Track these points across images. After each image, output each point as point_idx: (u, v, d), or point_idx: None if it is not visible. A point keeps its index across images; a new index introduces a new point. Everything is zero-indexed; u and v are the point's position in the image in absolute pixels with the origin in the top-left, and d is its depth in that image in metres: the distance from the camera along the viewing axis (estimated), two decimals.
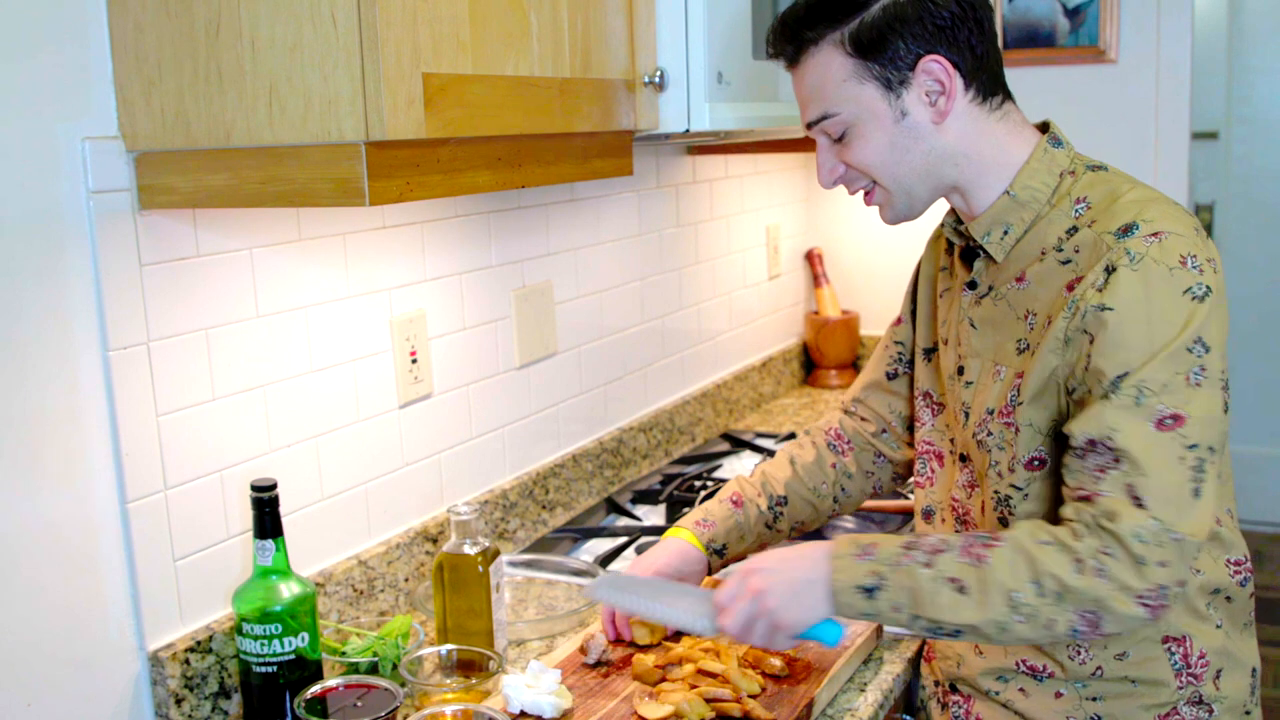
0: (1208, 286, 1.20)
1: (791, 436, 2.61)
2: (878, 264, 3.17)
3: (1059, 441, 1.28)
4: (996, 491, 1.35)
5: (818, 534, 1.99)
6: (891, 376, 1.63)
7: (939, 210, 1.44)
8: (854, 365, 3.18)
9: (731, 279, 2.79)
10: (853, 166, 1.35)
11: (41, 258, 1.26)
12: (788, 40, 1.34)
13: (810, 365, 3.19)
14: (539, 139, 1.42)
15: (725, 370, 2.79)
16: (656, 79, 1.60)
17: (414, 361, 1.77)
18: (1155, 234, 1.22)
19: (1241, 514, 4.87)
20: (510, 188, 1.38)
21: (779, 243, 3.03)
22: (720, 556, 1.59)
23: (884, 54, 1.28)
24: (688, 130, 1.68)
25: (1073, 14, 2.82)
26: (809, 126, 1.36)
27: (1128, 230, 1.23)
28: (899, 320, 1.63)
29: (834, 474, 1.65)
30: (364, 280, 1.68)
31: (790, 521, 1.64)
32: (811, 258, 3.18)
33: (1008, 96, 1.36)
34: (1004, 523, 1.35)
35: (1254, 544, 4.61)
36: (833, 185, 1.39)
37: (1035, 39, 2.84)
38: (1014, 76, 1.38)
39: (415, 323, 1.77)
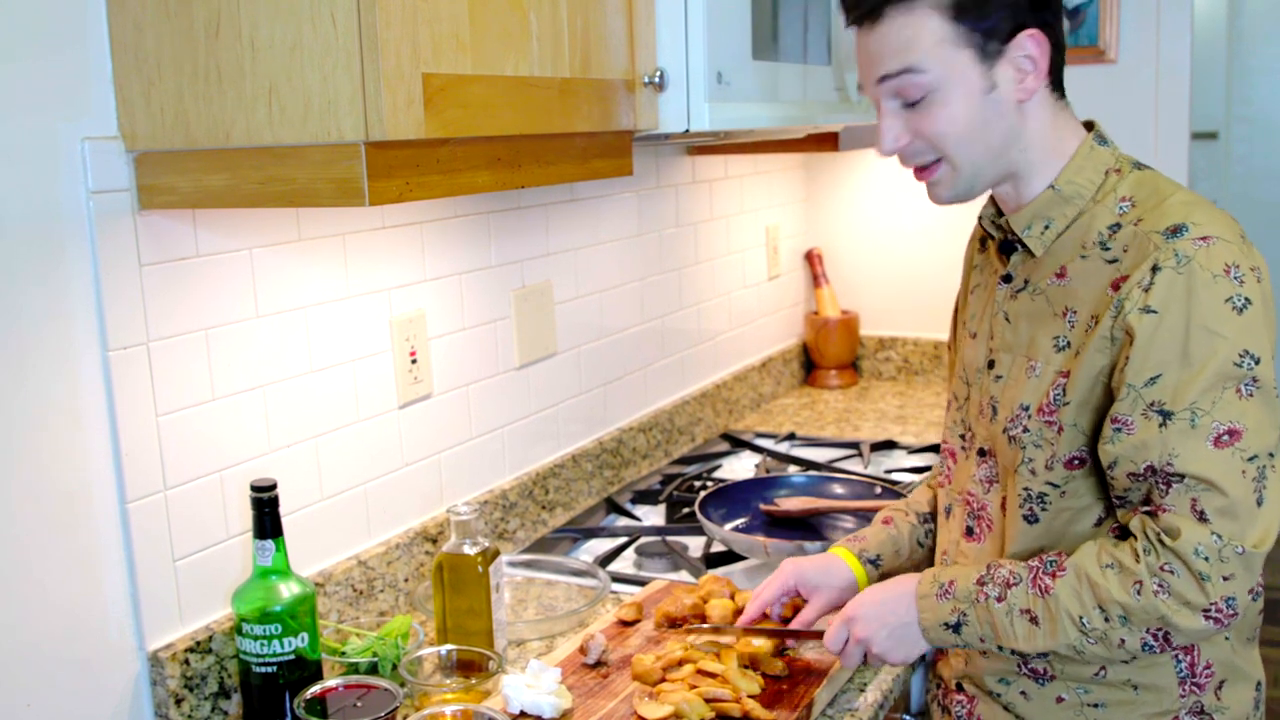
0: (1247, 298, 1.19)
1: (792, 437, 2.61)
2: (877, 264, 3.17)
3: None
4: (1027, 489, 1.33)
5: None
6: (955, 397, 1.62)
7: (960, 211, 1.43)
8: (854, 365, 3.18)
9: (731, 279, 2.79)
10: (925, 136, 1.30)
11: (41, 258, 1.26)
12: None
13: (810, 365, 3.19)
14: (539, 139, 1.42)
15: (725, 370, 2.79)
16: (656, 79, 1.60)
17: (414, 362, 1.77)
18: (1204, 238, 1.21)
19: None
20: (510, 188, 1.38)
21: (778, 243, 3.03)
22: (876, 567, 1.56)
23: (986, 20, 1.25)
24: (687, 130, 1.68)
25: (1072, 14, 2.83)
26: (880, 81, 1.29)
27: (1177, 231, 1.22)
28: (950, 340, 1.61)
29: None
30: (364, 280, 1.68)
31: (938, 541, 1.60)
32: (811, 258, 3.18)
33: (1063, 94, 1.35)
34: (1030, 520, 1.33)
35: None
36: (892, 153, 1.33)
37: None
38: None
39: (415, 323, 1.77)
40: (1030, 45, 1.27)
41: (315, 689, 1.33)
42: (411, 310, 1.76)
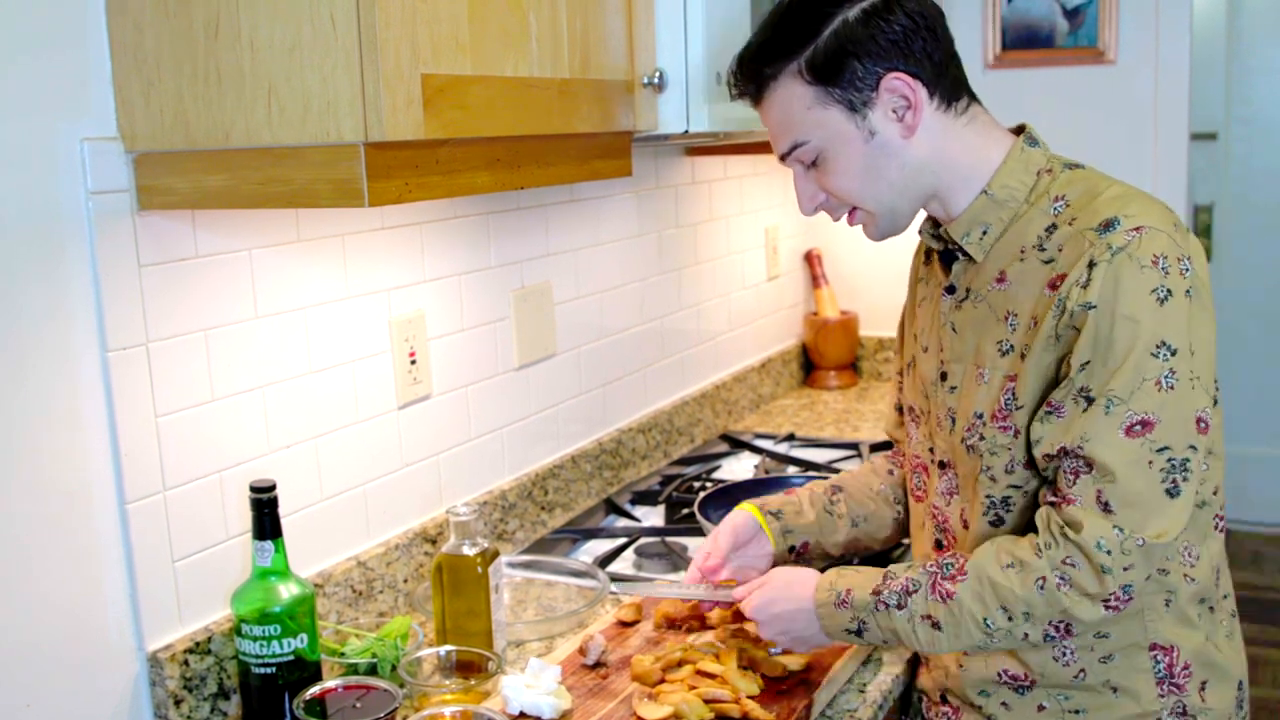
0: (1169, 290, 1.21)
1: (791, 437, 2.61)
2: (876, 265, 3.17)
3: None
4: (989, 496, 1.34)
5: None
6: (899, 409, 1.64)
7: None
8: (853, 366, 3.18)
9: (730, 280, 2.79)
10: (832, 193, 1.36)
11: (41, 258, 1.26)
12: (749, 80, 1.35)
13: (809, 366, 3.19)
14: (538, 140, 1.42)
15: (724, 371, 2.79)
16: (655, 80, 1.60)
17: (413, 362, 1.77)
18: (1136, 229, 1.23)
19: (1242, 514, 4.88)
20: (509, 188, 1.38)
21: (778, 243, 3.03)
22: (778, 519, 1.61)
23: (842, 77, 1.28)
24: (686, 131, 1.68)
25: (1072, 15, 2.83)
26: (782, 158, 1.37)
27: (1109, 225, 1.24)
28: (898, 351, 1.63)
29: (891, 479, 1.64)
30: (363, 281, 1.68)
31: (851, 509, 1.62)
32: (810, 258, 3.18)
33: (973, 99, 1.36)
34: (996, 524, 1.35)
35: (1254, 545, 4.61)
36: (814, 212, 1.40)
37: (1034, 40, 2.84)
38: (1013, 77, 1.38)
39: (414, 323, 1.77)
40: (898, 86, 1.28)
41: (314, 690, 1.33)
42: (411, 311, 1.76)
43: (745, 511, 1.61)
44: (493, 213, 1.94)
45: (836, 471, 2.29)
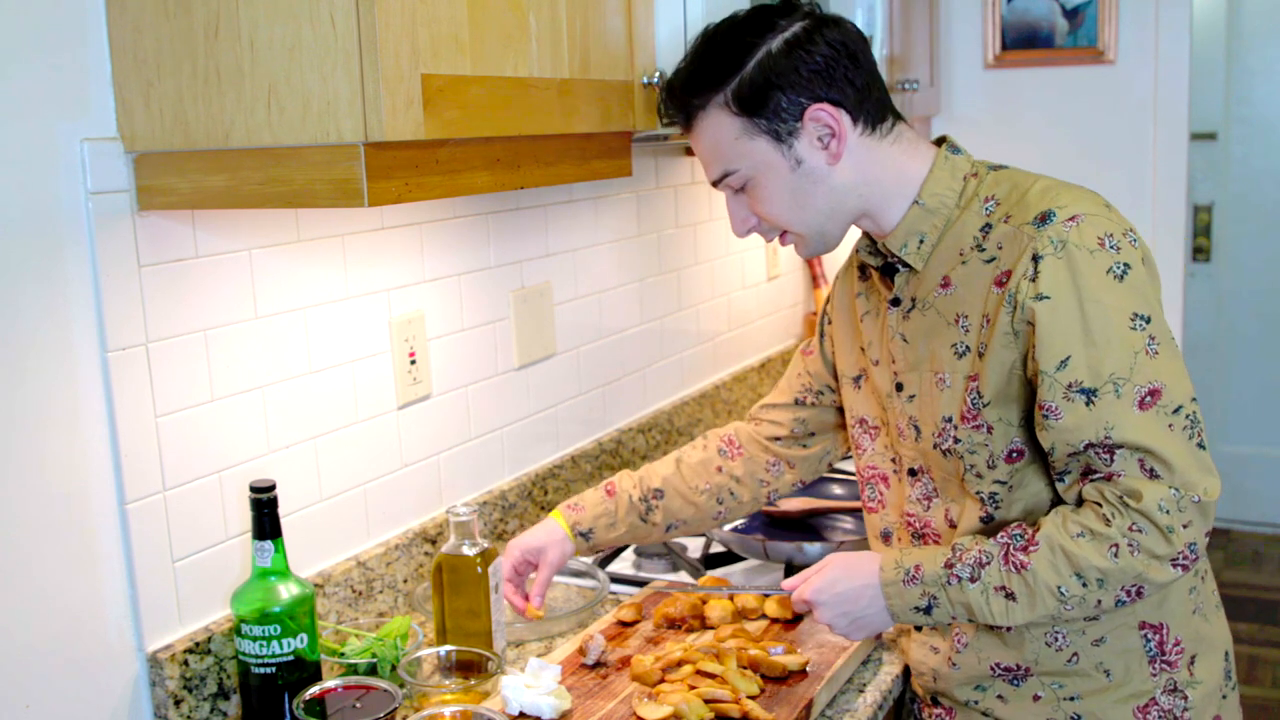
0: (1125, 264, 1.25)
1: None
2: None
3: (1032, 429, 1.31)
4: (979, 492, 1.35)
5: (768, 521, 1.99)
6: (799, 403, 1.65)
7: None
8: None
9: (730, 280, 2.79)
10: (762, 218, 1.38)
11: (40, 258, 1.26)
12: (678, 109, 1.37)
13: None
14: (538, 140, 1.42)
15: (724, 371, 2.79)
16: (655, 80, 1.60)
17: (413, 362, 1.77)
18: (1072, 218, 1.26)
19: (1241, 514, 4.86)
20: (509, 188, 1.38)
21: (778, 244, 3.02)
22: (587, 540, 1.63)
23: (767, 108, 1.30)
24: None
25: (1071, 15, 2.83)
26: (714, 184, 1.39)
27: (1045, 218, 1.27)
28: (809, 351, 1.64)
29: (719, 477, 1.66)
30: (363, 281, 1.68)
31: (667, 517, 1.65)
32: (810, 259, 3.18)
33: (898, 118, 1.38)
34: (986, 520, 1.35)
35: (1254, 544, 4.61)
36: (746, 234, 1.42)
37: (1034, 40, 2.84)
38: (1013, 77, 1.39)
39: (414, 324, 1.77)
40: (821, 117, 1.30)
41: (314, 690, 1.33)
42: (410, 311, 1.76)
43: (564, 542, 1.62)
44: (492, 213, 1.94)
45: (836, 471, 2.29)
